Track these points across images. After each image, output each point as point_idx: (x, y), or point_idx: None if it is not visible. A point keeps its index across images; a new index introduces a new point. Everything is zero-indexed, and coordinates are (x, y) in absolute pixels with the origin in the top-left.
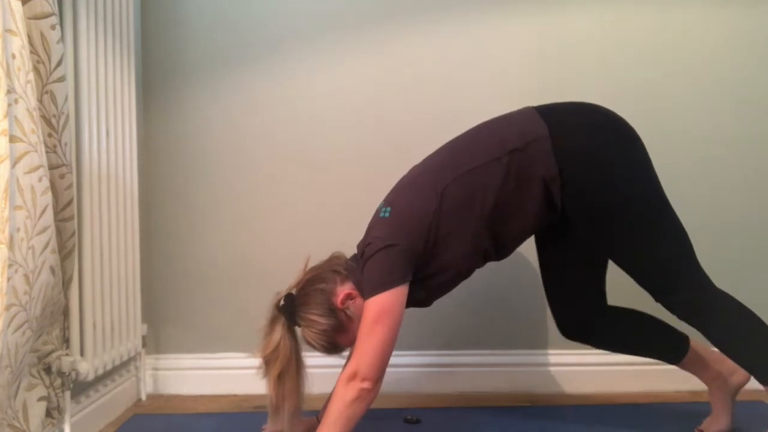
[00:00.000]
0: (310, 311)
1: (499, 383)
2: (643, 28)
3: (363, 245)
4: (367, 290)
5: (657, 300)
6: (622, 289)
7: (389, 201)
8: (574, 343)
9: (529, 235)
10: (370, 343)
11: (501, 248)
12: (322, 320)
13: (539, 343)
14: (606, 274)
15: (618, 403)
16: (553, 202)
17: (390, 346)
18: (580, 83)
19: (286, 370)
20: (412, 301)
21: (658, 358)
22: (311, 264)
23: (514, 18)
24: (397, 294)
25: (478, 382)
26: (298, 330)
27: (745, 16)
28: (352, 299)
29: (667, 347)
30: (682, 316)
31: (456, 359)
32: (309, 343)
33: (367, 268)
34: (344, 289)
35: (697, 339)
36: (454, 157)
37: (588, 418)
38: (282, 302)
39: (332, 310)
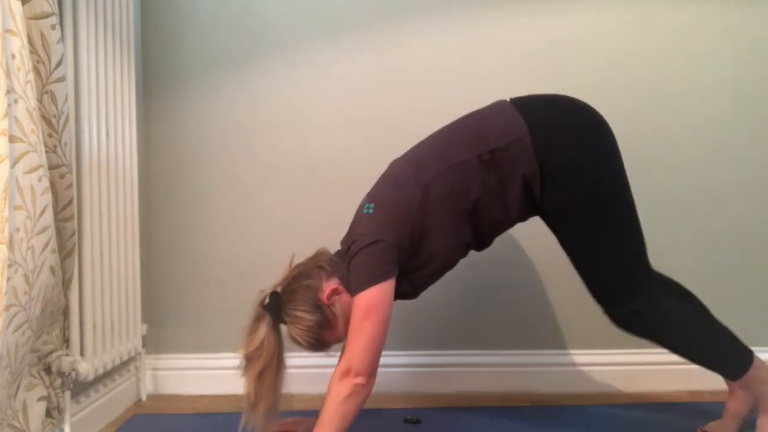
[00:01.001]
0: (296, 308)
1: (499, 383)
2: (645, 27)
3: (348, 242)
4: (354, 286)
5: (607, 309)
6: None
7: (372, 196)
8: (575, 343)
9: (508, 228)
10: (361, 338)
11: (481, 241)
12: (308, 316)
13: (539, 343)
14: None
15: (618, 403)
16: (533, 197)
17: (381, 340)
18: (580, 84)
19: (267, 369)
20: (399, 294)
21: None
22: (296, 261)
23: (513, 18)
24: (385, 288)
25: (478, 382)
26: (283, 328)
27: (749, 16)
28: (338, 294)
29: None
30: (632, 328)
31: (456, 359)
32: (295, 340)
33: (354, 264)
34: (330, 285)
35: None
36: (435, 152)
37: (588, 418)
38: (267, 300)
39: (318, 306)
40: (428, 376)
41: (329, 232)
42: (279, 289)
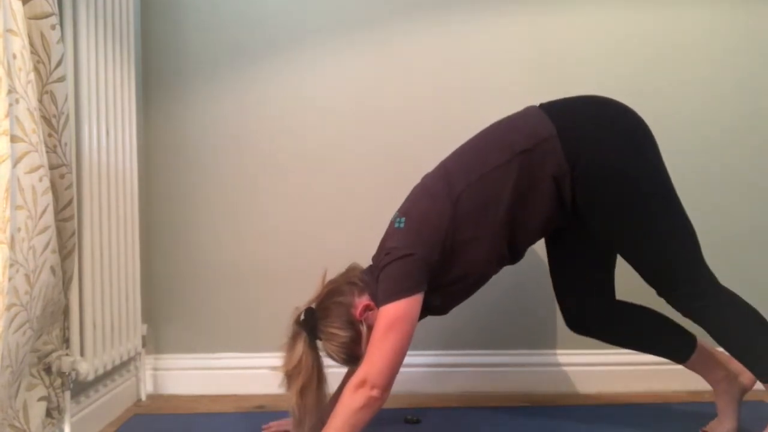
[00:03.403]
0: (330, 324)
1: (499, 383)
2: (652, 29)
3: (379, 256)
4: (381, 298)
5: (660, 294)
6: (626, 285)
7: (403, 211)
8: (575, 343)
9: (542, 236)
10: (381, 350)
11: (515, 251)
12: (341, 333)
13: (539, 343)
14: (614, 269)
15: (618, 403)
16: (564, 199)
17: (401, 354)
18: (583, 85)
19: (308, 384)
20: (429, 308)
21: (664, 356)
22: (328, 277)
23: (518, 18)
24: (412, 303)
25: (478, 382)
26: (319, 343)
27: (751, 15)
28: (370, 310)
29: (673, 345)
30: (683, 310)
31: (456, 359)
32: (330, 356)
33: (383, 276)
34: (362, 301)
35: (705, 339)
36: (464, 163)
37: (588, 418)
38: (303, 317)
39: (351, 323)
40: (428, 376)
41: (330, 232)
42: (313, 306)
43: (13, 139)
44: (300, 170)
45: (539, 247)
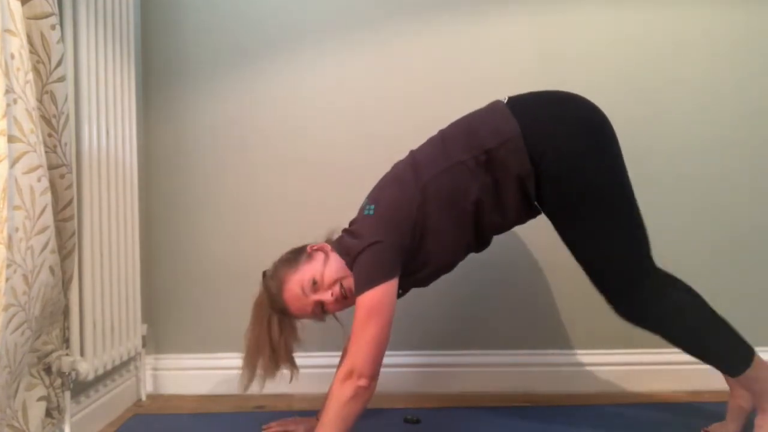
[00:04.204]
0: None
1: (499, 383)
2: (652, 28)
3: (350, 237)
4: (357, 287)
5: (611, 300)
6: None
7: (373, 198)
8: (574, 343)
9: (508, 228)
10: (364, 340)
11: (482, 241)
12: (285, 254)
13: (539, 343)
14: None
15: (618, 403)
16: (529, 197)
17: (384, 342)
18: (583, 84)
19: (257, 323)
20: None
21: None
22: None
23: (517, 17)
24: (387, 288)
25: (478, 382)
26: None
27: (751, 15)
28: (322, 251)
29: None
30: (635, 319)
31: (456, 359)
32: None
33: (356, 266)
34: (321, 244)
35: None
36: (433, 153)
37: (588, 418)
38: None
39: (299, 251)
40: (428, 376)
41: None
42: None
43: (11, 139)
44: (300, 170)
45: (537, 248)
